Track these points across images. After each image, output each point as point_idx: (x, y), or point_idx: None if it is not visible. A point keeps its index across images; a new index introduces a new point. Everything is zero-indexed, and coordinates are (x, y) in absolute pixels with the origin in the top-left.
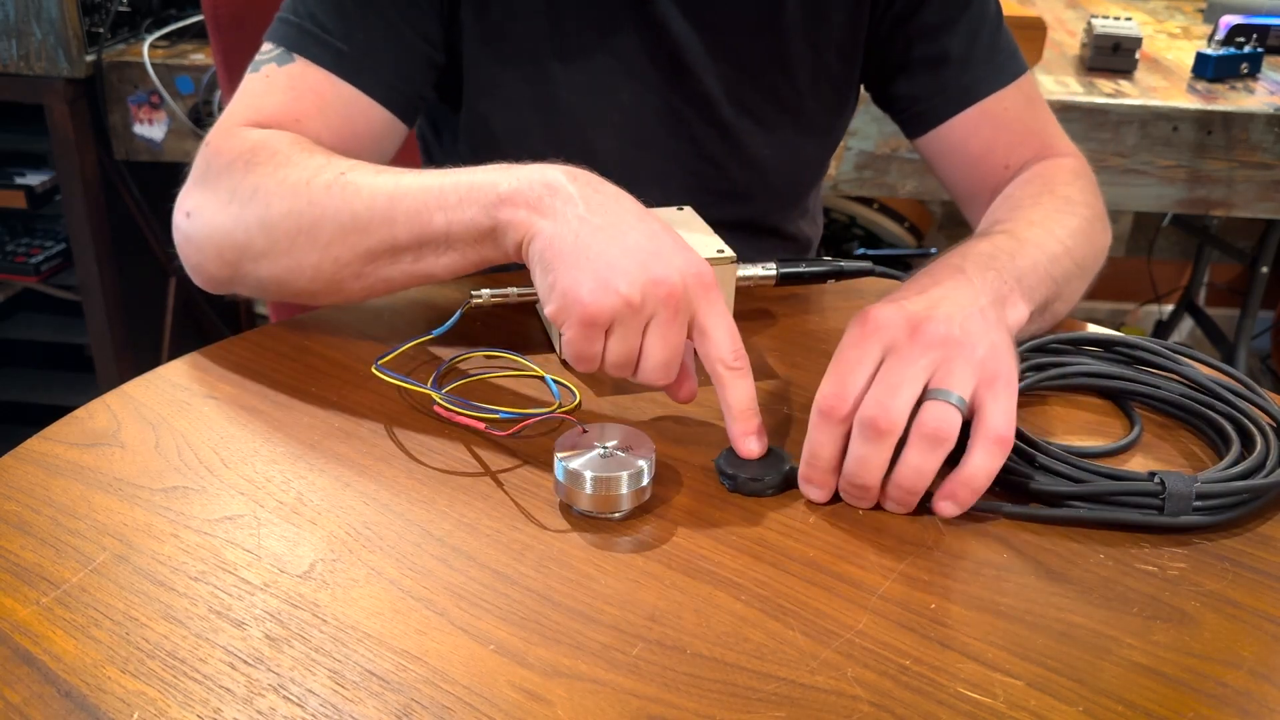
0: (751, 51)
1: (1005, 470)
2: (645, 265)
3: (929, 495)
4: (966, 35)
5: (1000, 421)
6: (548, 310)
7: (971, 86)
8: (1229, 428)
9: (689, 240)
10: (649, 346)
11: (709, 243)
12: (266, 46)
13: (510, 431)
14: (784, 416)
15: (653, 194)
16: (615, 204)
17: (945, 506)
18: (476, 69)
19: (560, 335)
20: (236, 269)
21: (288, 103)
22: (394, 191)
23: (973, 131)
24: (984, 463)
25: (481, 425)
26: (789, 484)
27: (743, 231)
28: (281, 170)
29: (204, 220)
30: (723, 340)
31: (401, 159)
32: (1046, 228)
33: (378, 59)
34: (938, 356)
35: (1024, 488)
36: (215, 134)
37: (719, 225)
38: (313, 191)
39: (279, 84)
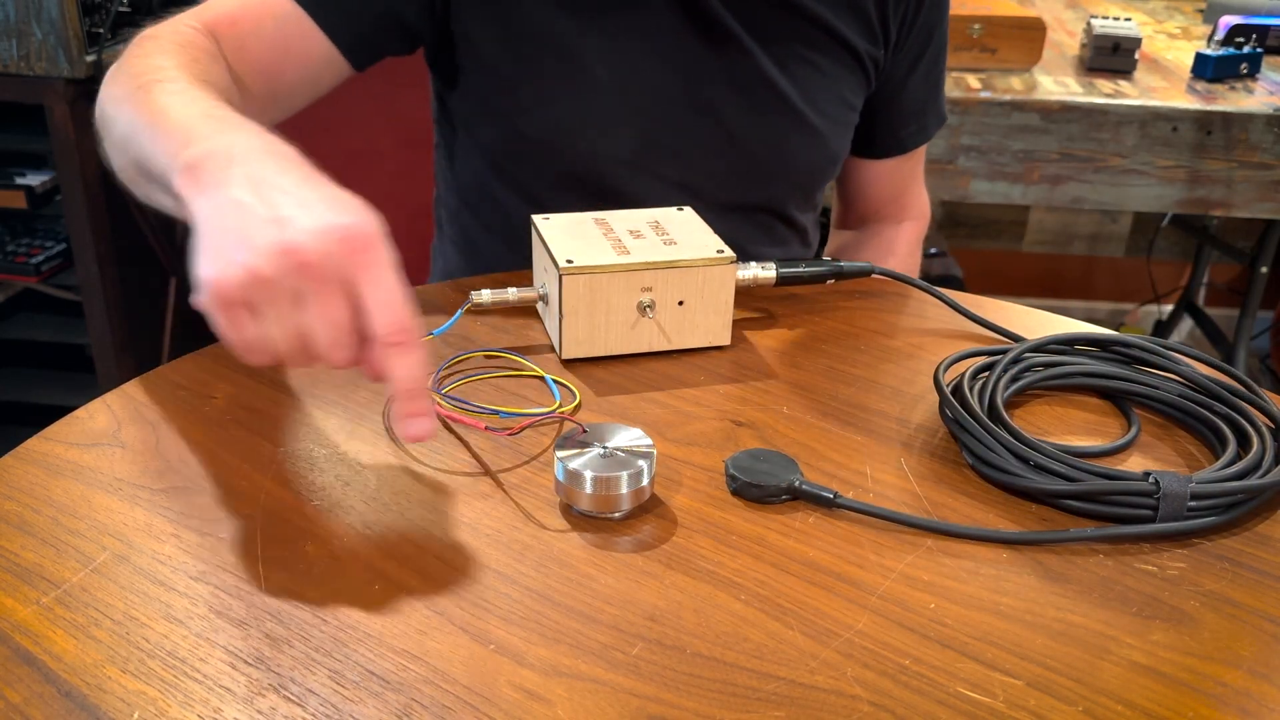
0: (787, 32)
1: (1001, 469)
2: (278, 234)
3: None
4: (924, 82)
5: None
6: (194, 300)
7: (915, 135)
8: (1225, 428)
9: (688, 240)
10: (308, 325)
11: (708, 242)
12: None
13: (510, 432)
14: (785, 417)
15: (677, 173)
16: (275, 178)
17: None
18: (503, 45)
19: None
20: (100, 141)
21: (236, 8)
22: (158, 115)
23: (889, 174)
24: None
25: (481, 425)
26: (795, 495)
27: (759, 215)
28: (135, 62)
29: (101, 90)
30: (375, 313)
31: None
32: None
33: None
34: None
35: (1019, 487)
36: (171, 19)
37: (737, 209)
38: (130, 88)
39: None
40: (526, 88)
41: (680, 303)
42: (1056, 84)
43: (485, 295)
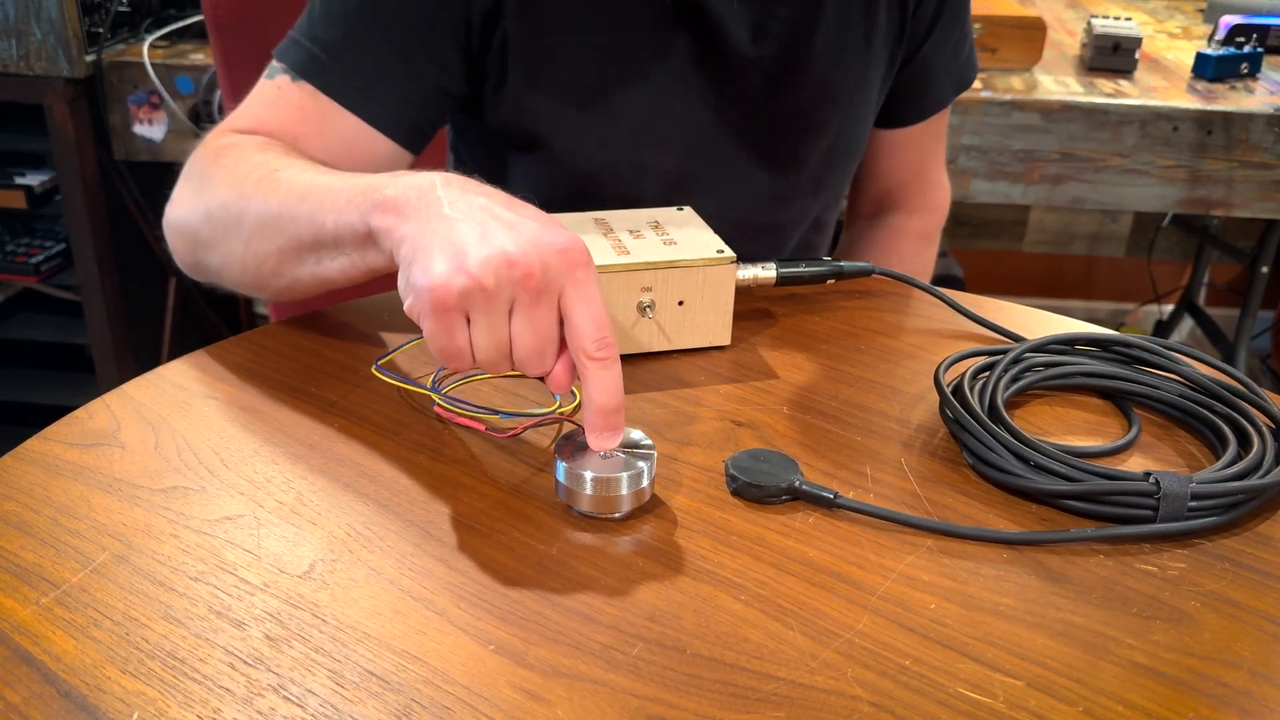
0: (809, 52)
1: (1001, 469)
2: (500, 246)
3: None
4: (946, 44)
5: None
6: (405, 307)
7: (934, 102)
8: (1226, 428)
9: (688, 240)
10: (516, 334)
11: (709, 242)
12: (278, 63)
13: (511, 433)
14: (785, 417)
15: (705, 202)
16: (482, 199)
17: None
18: (523, 87)
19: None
20: (193, 256)
21: (291, 122)
22: (304, 190)
23: (906, 146)
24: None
25: (482, 426)
26: (795, 495)
27: (791, 230)
28: (234, 165)
29: (175, 209)
30: (584, 327)
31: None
32: None
33: (384, 88)
34: None
35: (1019, 487)
36: (214, 131)
37: (770, 227)
38: (245, 185)
39: (288, 100)
40: (557, 134)
41: (680, 303)
42: (1057, 83)
43: None
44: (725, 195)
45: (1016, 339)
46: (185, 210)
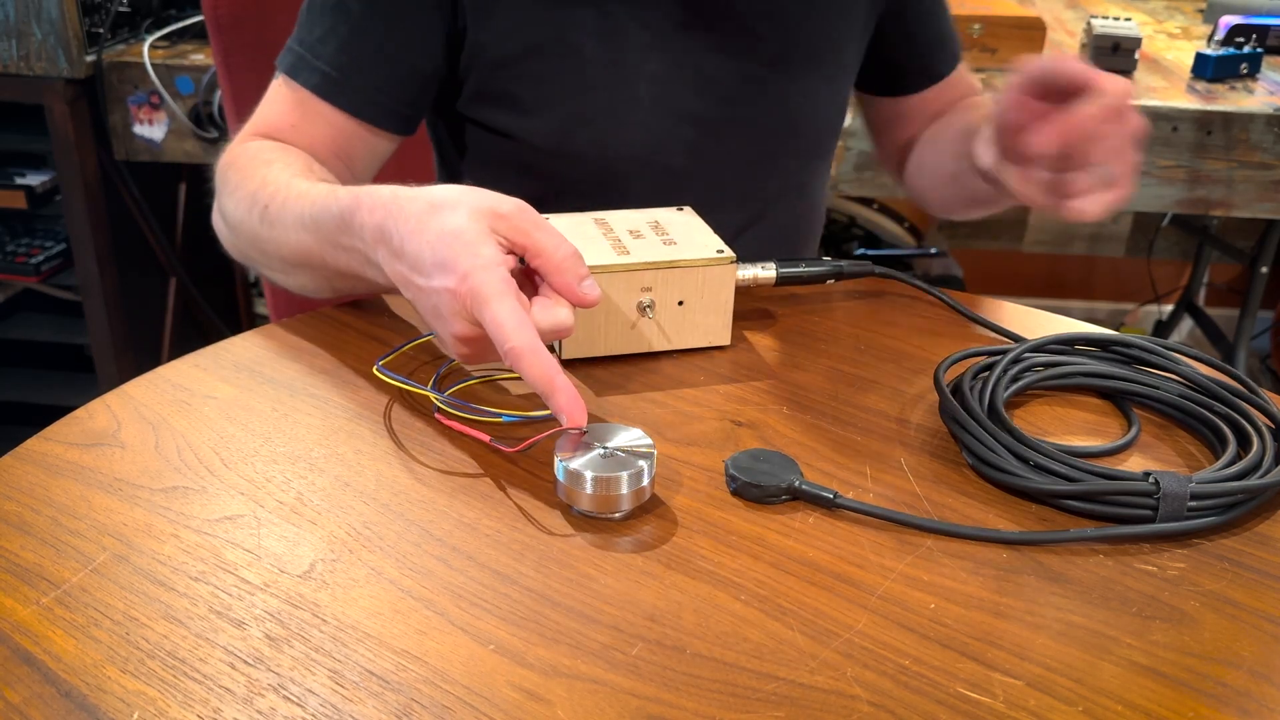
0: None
1: (1001, 469)
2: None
3: None
4: (937, 8)
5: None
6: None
7: (949, 59)
8: (1225, 428)
9: (688, 240)
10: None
11: (708, 242)
12: (277, 68)
13: (518, 449)
14: (785, 417)
15: (687, 163)
16: (403, 268)
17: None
18: (501, 58)
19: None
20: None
21: (284, 112)
22: (304, 231)
23: (935, 98)
24: None
25: (486, 438)
26: (795, 495)
27: (770, 191)
28: (235, 196)
29: (219, 228)
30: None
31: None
32: None
33: (361, 80)
34: None
35: (1018, 487)
36: (233, 141)
37: (752, 189)
38: (255, 228)
39: (282, 97)
40: (528, 93)
41: (680, 303)
42: None
43: None
44: (708, 156)
45: (1016, 339)
46: (227, 235)
